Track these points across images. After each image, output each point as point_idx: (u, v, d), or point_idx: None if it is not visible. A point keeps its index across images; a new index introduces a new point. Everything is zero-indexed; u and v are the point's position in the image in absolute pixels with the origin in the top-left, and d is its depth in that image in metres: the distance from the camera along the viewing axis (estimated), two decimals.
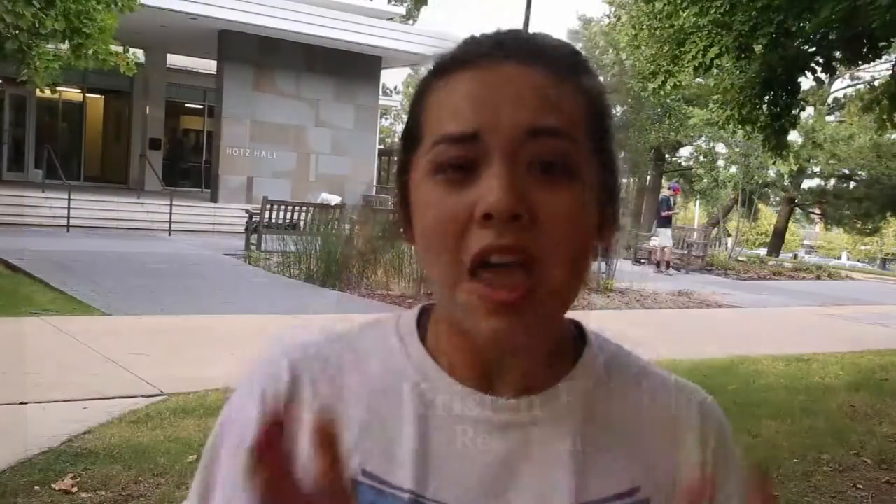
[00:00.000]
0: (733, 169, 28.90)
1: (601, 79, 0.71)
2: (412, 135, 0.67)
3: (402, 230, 0.70)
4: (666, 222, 16.31)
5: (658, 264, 16.22)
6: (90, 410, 4.52)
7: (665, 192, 17.31)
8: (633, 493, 0.68)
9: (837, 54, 6.93)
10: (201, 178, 22.92)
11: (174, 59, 21.36)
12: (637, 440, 0.70)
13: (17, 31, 9.16)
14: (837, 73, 21.02)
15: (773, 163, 14.01)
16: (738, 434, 0.76)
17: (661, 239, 16.27)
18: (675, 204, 16.97)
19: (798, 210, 35.57)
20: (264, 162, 18.85)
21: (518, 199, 0.60)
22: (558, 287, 0.63)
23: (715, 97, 7.84)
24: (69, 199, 14.25)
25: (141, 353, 5.87)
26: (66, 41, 9.99)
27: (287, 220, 13.53)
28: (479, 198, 0.61)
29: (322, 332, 0.74)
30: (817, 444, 4.81)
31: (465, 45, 0.67)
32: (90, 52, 10.02)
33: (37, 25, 9.23)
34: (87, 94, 21.92)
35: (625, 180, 0.71)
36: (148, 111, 20.97)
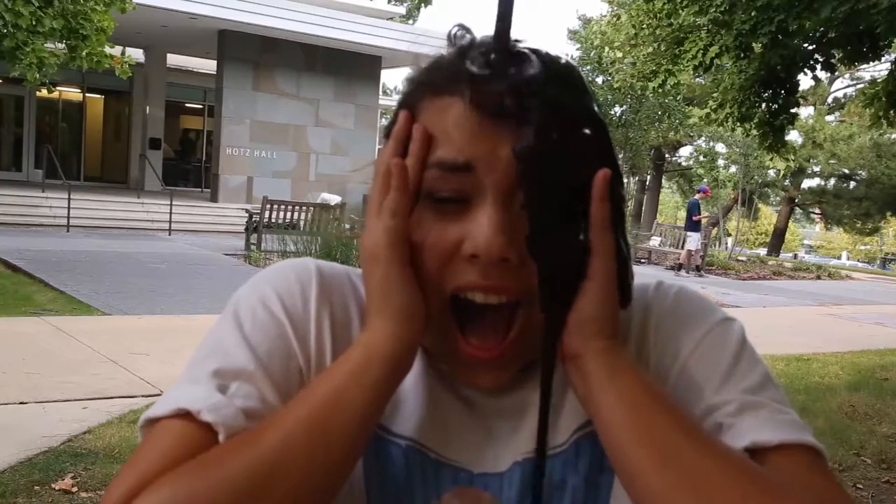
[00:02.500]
0: (733, 169, 28.94)
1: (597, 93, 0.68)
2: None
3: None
4: (696, 226, 16.42)
5: (681, 266, 16.37)
6: (90, 410, 4.52)
7: (696, 196, 17.32)
8: None
9: (837, 53, 6.93)
10: (201, 178, 22.94)
11: (174, 59, 21.34)
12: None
13: (14, 30, 9.15)
14: (837, 72, 21.04)
15: (770, 160, 14.03)
16: None
17: (690, 242, 16.41)
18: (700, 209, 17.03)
19: (798, 210, 35.59)
20: (264, 162, 18.84)
21: (508, 241, 0.60)
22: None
23: (714, 94, 7.84)
24: (69, 199, 14.25)
25: (141, 353, 5.87)
26: (63, 41, 9.99)
27: (287, 220, 13.53)
28: (468, 234, 0.61)
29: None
30: None
31: (458, 61, 0.64)
32: (84, 53, 10.00)
33: (34, 24, 9.23)
34: (87, 94, 21.92)
35: (625, 180, 0.70)
36: (148, 111, 20.96)
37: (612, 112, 26.81)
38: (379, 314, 0.61)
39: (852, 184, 31.32)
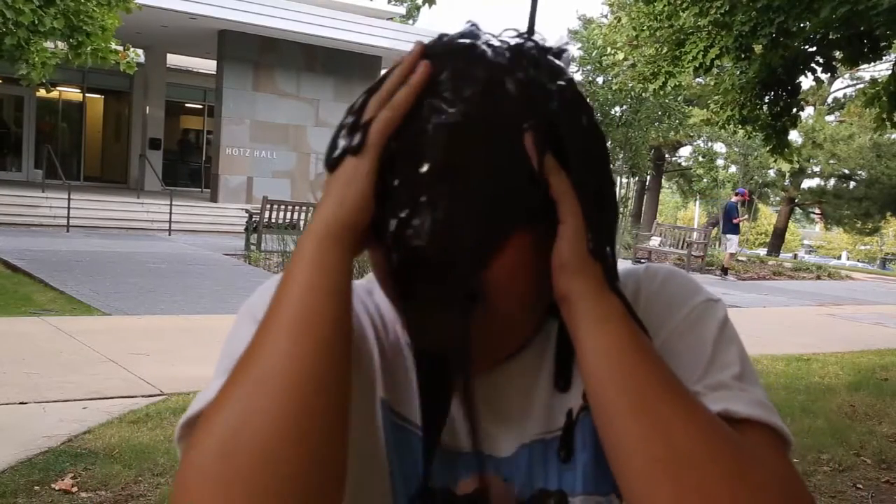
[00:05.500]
0: (733, 169, 28.93)
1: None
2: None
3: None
4: (735, 229, 16.42)
5: (726, 270, 16.39)
6: (90, 410, 4.52)
7: (733, 198, 17.37)
8: None
9: (838, 54, 6.92)
10: (201, 178, 22.94)
11: (174, 59, 21.35)
12: None
13: (16, 28, 9.15)
14: (838, 73, 21.01)
15: (775, 161, 14.06)
16: None
17: (729, 245, 16.42)
18: (741, 210, 17.03)
19: (798, 210, 35.58)
20: (264, 162, 18.85)
21: None
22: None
23: (715, 97, 7.83)
24: (69, 199, 14.25)
25: (141, 353, 5.88)
26: (66, 39, 9.99)
27: (287, 220, 13.53)
28: None
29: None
30: (817, 444, 4.81)
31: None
32: (89, 49, 10.00)
33: (36, 23, 9.23)
34: (87, 94, 21.91)
35: (625, 180, 0.70)
36: (148, 111, 20.97)
37: (613, 112, 26.80)
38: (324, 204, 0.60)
39: (852, 184, 31.30)
